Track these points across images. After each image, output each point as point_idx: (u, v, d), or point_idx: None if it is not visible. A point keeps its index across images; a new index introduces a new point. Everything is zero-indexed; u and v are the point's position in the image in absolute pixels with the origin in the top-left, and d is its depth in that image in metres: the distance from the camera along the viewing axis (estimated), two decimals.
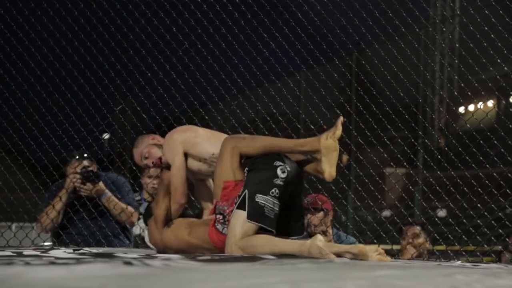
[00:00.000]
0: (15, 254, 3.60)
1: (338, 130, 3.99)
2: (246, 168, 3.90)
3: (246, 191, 3.82)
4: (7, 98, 5.80)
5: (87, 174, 5.22)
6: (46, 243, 5.31)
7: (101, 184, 5.26)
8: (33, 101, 5.76)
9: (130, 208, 5.32)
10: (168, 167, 4.24)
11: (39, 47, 5.82)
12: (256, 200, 3.78)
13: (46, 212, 5.28)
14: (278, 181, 3.81)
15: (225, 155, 3.97)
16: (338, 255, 3.75)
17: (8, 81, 5.80)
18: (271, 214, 3.79)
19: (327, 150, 3.92)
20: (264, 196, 3.78)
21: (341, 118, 4.01)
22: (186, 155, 4.21)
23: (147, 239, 4.27)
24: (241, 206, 3.82)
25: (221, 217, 3.94)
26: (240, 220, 3.81)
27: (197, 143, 4.21)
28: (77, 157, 5.35)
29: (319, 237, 3.71)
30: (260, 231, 3.82)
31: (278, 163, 3.84)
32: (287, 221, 3.99)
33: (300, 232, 4.01)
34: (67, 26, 5.81)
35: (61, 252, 3.91)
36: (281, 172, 3.82)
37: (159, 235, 4.16)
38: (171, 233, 4.15)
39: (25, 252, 3.83)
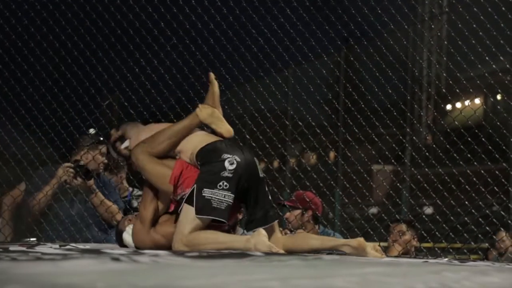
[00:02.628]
0: (1, 250, 3.57)
1: (214, 86, 4.29)
2: (198, 162, 3.96)
3: (195, 185, 3.88)
4: None
5: (80, 169, 5.20)
6: (31, 239, 5.28)
7: (91, 181, 5.24)
8: (19, 96, 5.72)
9: (115, 206, 5.32)
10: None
11: (25, 41, 5.79)
12: (203, 194, 3.83)
13: (37, 198, 5.24)
14: (226, 173, 3.86)
15: (145, 164, 4.07)
16: (336, 248, 3.78)
17: None
18: (221, 206, 3.83)
19: (210, 117, 4.12)
20: (211, 190, 3.83)
21: (211, 74, 4.32)
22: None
23: (128, 241, 4.22)
24: (189, 201, 3.88)
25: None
26: (188, 215, 3.87)
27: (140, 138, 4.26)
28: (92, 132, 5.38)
29: (263, 232, 3.78)
30: (213, 223, 3.86)
31: (226, 155, 3.91)
32: (249, 213, 4.03)
33: (263, 223, 4.01)
34: (54, 21, 5.78)
35: (47, 248, 3.89)
36: (229, 164, 3.88)
37: (147, 235, 4.15)
38: (158, 233, 4.14)
39: (11, 248, 3.80)
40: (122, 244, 4.28)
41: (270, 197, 4.09)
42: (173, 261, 2.91)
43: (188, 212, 3.87)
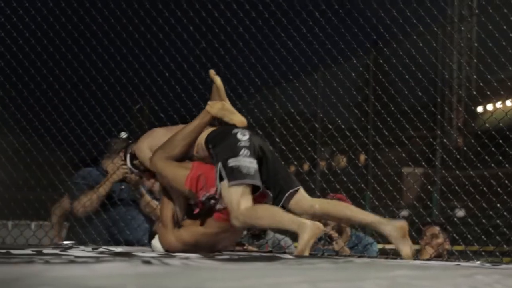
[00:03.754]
0: (34, 253, 3.62)
1: (217, 81, 4.28)
2: (210, 146, 3.99)
3: (219, 163, 3.89)
4: (27, 98, 5.82)
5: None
6: (65, 242, 5.32)
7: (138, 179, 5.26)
8: (51, 101, 5.78)
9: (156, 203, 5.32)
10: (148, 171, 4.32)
11: (57, 46, 5.84)
12: (230, 165, 3.85)
13: (89, 195, 5.25)
14: (243, 143, 3.91)
15: (163, 169, 4.08)
16: (374, 225, 3.90)
17: (28, 80, 5.82)
18: (250, 171, 3.86)
19: (221, 110, 4.14)
20: (236, 158, 3.86)
21: (211, 71, 4.32)
22: None
23: (158, 248, 4.23)
24: (221, 178, 3.89)
25: (213, 201, 3.95)
26: (227, 190, 3.87)
27: (160, 140, 4.24)
28: (123, 135, 5.39)
29: (320, 225, 3.75)
30: (256, 196, 3.88)
31: (236, 130, 3.98)
32: (273, 187, 4.03)
33: (290, 187, 4.03)
34: (85, 25, 5.83)
35: (80, 251, 3.93)
36: (242, 135, 3.94)
37: (173, 237, 4.16)
38: (185, 231, 4.15)
39: (45, 251, 3.84)
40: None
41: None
42: (203, 264, 2.92)
43: (225, 188, 3.88)
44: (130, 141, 5.26)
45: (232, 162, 3.85)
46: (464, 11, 7.23)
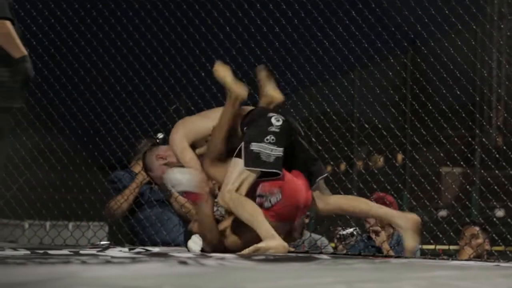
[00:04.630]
0: (72, 253, 3.64)
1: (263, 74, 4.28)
2: (244, 127, 4.02)
3: (243, 142, 3.93)
4: (64, 99, 5.87)
5: None
6: (102, 242, 5.35)
7: None
8: (89, 102, 5.82)
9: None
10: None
11: (95, 48, 5.88)
12: (251, 148, 3.88)
13: (124, 197, 5.27)
14: (273, 129, 3.92)
15: (215, 175, 4.05)
16: (388, 218, 4.04)
17: (65, 81, 5.87)
18: (270, 159, 3.88)
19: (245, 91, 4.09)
20: (259, 144, 3.88)
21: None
22: (195, 147, 4.25)
23: (194, 249, 4.18)
24: (238, 155, 3.92)
25: (260, 199, 3.95)
26: (237, 167, 3.91)
27: (195, 128, 4.24)
28: (160, 136, 5.40)
29: (286, 246, 3.79)
30: (264, 177, 3.89)
31: (271, 114, 3.99)
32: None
33: (320, 174, 4.07)
34: (122, 27, 5.86)
35: (117, 251, 3.95)
36: (276, 120, 3.95)
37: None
38: (229, 237, 4.12)
39: (82, 251, 3.87)
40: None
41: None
42: (239, 264, 2.92)
43: (237, 164, 3.91)
44: (157, 140, 5.28)
45: (254, 146, 3.89)
46: (504, 9, 7.13)
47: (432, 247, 5.20)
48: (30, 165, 5.87)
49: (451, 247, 5.41)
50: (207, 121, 4.21)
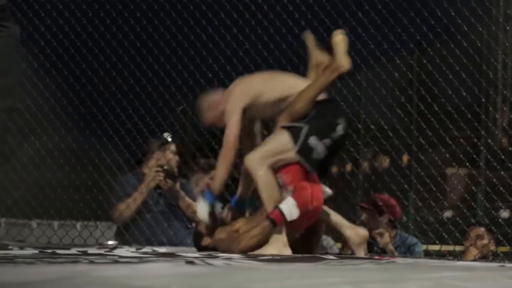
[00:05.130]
0: (80, 253, 3.66)
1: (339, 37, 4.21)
2: (314, 111, 3.99)
3: (307, 126, 3.92)
4: (72, 99, 5.89)
5: (167, 171, 5.19)
6: (110, 242, 5.37)
7: (177, 184, 5.24)
8: (96, 102, 5.84)
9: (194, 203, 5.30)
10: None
11: (102, 48, 5.90)
12: (309, 141, 3.91)
13: (127, 203, 5.26)
14: (335, 135, 3.97)
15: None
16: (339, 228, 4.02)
17: (73, 82, 5.89)
18: (318, 158, 3.91)
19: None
20: (318, 141, 3.92)
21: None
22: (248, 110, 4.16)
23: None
24: (292, 133, 3.91)
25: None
26: (283, 140, 3.92)
27: (258, 84, 4.19)
28: (169, 138, 5.39)
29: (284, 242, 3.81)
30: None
31: (341, 120, 4.01)
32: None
33: None
34: (129, 27, 5.88)
35: (124, 251, 3.97)
36: (341, 130, 4.00)
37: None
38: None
39: (90, 251, 3.89)
40: (198, 245, 4.30)
41: None
42: (245, 264, 2.94)
43: (283, 138, 3.93)
44: (169, 138, 5.26)
45: (312, 140, 3.91)
46: (509, 11, 7.14)
47: (437, 247, 5.21)
48: (38, 165, 5.90)
49: (457, 247, 5.42)
50: (270, 88, 4.15)
